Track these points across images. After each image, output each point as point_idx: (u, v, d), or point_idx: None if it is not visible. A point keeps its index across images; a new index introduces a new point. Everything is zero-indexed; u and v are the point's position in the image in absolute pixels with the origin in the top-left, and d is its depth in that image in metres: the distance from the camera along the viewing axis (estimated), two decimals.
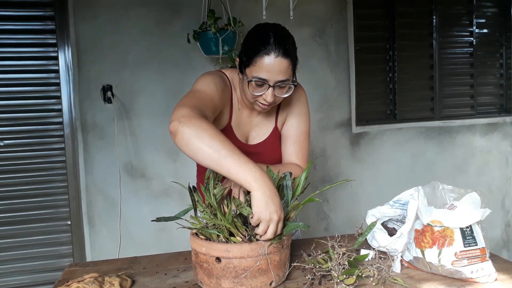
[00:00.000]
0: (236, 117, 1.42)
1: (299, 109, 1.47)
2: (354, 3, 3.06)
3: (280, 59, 1.22)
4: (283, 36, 1.25)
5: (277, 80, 1.24)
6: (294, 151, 1.44)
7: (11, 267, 2.66)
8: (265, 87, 1.26)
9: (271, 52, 1.21)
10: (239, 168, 1.02)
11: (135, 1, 2.71)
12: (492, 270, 1.11)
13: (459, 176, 3.37)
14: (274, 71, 1.23)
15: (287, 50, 1.22)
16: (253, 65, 1.24)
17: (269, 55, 1.21)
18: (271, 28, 1.27)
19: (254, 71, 1.24)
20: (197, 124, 1.06)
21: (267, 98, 1.27)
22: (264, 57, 1.22)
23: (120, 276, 1.18)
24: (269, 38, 1.22)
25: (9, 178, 2.65)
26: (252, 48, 1.24)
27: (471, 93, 3.42)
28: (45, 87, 2.68)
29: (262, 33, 1.26)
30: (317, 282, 1.13)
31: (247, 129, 1.45)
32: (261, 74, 1.24)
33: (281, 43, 1.22)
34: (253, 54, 1.23)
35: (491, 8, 3.42)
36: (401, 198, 1.37)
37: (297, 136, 1.46)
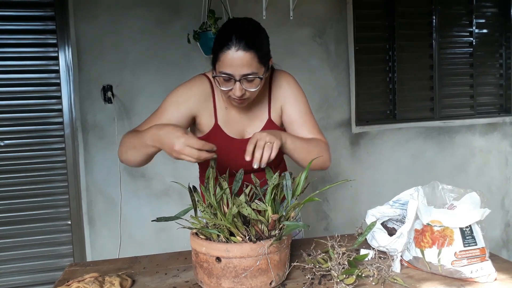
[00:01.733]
0: (224, 115, 1.42)
1: (293, 94, 1.46)
2: (354, 3, 3.06)
3: (242, 53, 1.21)
4: (246, 29, 1.25)
5: (241, 74, 1.24)
6: (305, 132, 1.43)
7: (11, 267, 2.66)
8: (232, 82, 1.26)
9: (232, 46, 1.21)
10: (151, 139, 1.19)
11: (135, 1, 2.72)
12: (492, 270, 1.11)
13: (458, 176, 3.37)
14: (236, 65, 1.23)
15: (249, 43, 1.22)
16: (218, 61, 1.25)
17: (230, 49, 1.22)
18: (236, 22, 1.29)
19: (220, 66, 1.25)
20: (121, 142, 1.33)
21: (235, 92, 1.27)
22: (227, 52, 1.22)
23: (121, 276, 1.18)
24: (231, 33, 1.23)
25: (9, 178, 2.65)
26: (217, 44, 1.25)
27: (471, 93, 3.43)
28: (46, 87, 2.68)
29: (226, 28, 1.27)
30: (317, 281, 1.13)
31: (241, 125, 1.45)
32: (225, 69, 1.24)
33: (242, 37, 1.22)
34: (218, 49, 1.24)
35: (490, 8, 3.42)
36: (401, 198, 1.38)
37: (301, 118, 1.44)
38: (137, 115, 2.77)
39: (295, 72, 3.11)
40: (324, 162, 1.40)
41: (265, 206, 1.10)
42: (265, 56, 1.27)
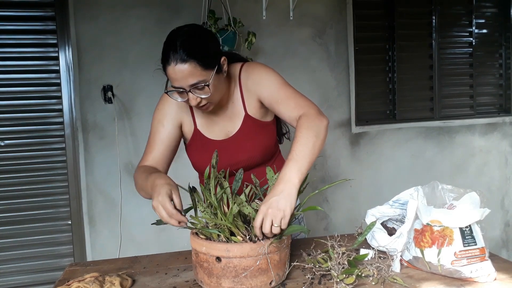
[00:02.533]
0: (202, 119, 1.43)
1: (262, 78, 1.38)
2: (354, 4, 3.06)
3: (180, 66, 1.20)
4: (183, 40, 1.21)
5: (189, 84, 1.22)
6: (288, 110, 1.32)
7: (11, 267, 2.66)
8: (184, 94, 1.26)
9: (170, 62, 1.21)
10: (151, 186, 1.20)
11: (135, 1, 2.72)
12: (492, 269, 1.12)
13: (458, 176, 3.37)
14: (180, 78, 1.21)
15: (187, 54, 1.19)
16: (167, 75, 1.25)
17: (170, 64, 1.21)
18: (171, 35, 1.25)
19: (170, 80, 1.26)
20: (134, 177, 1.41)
21: (191, 102, 1.27)
22: (168, 68, 1.22)
23: (121, 276, 1.18)
24: (169, 46, 1.22)
25: (9, 178, 2.65)
26: (162, 60, 1.26)
27: (471, 93, 3.43)
28: (46, 87, 2.68)
29: (165, 43, 1.25)
30: (317, 281, 1.13)
31: (222, 125, 1.44)
32: (173, 83, 1.24)
33: (176, 49, 1.20)
34: (162, 64, 1.25)
35: (490, 8, 3.42)
36: (401, 198, 1.38)
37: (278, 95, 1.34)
38: (137, 115, 2.77)
39: (295, 72, 3.12)
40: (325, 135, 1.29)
41: None
42: (209, 60, 1.23)
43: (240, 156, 1.41)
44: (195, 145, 1.44)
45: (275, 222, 1.05)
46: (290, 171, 1.11)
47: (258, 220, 1.06)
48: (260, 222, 1.06)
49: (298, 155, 1.14)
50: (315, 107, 1.31)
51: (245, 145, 1.41)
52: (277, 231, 1.06)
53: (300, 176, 1.11)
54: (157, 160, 1.41)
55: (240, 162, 1.40)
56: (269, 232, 1.05)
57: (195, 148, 1.45)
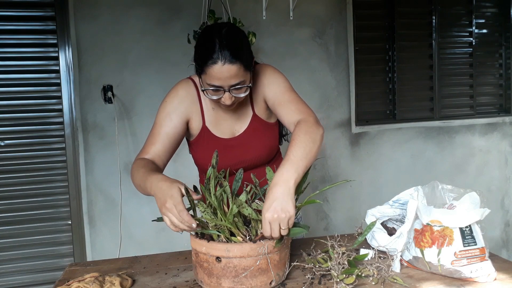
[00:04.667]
0: (211, 116, 1.43)
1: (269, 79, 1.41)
2: (354, 4, 3.06)
3: (228, 66, 1.20)
4: (229, 40, 1.22)
5: (230, 85, 1.24)
6: (288, 113, 1.35)
7: (11, 267, 2.66)
8: (221, 92, 1.26)
9: (217, 60, 1.19)
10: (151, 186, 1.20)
11: (136, 1, 2.72)
12: (492, 269, 1.12)
13: (458, 176, 3.37)
14: (225, 78, 1.22)
15: (234, 55, 1.20)
16: (205, 73, 1.24)
17: (217, 63, 1.20)
18: (216, 32, 1.24)
19: (207, 79, 1.24)
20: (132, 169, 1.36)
21: (225, 102, 1.28)
22: (213, 67, 1.20)
23: (121, 276, 1.18)
24: (214, 46, 1.20)
25: (9, 178, 2.65)
26: (201, 57, 1.23)
27: (471, 93, 3.43)
28: (46, 87, 2.68)
29: (207, 40, 1.24)
30: (317, 281, 1.13)
31: (229, 124, 1.45)
32: (214, 82, 1.23)
33: (226, 49, 1.20)
34: (203, 63, 1.23)
35: (490, 8, 3.42)
36: (401, 198, 1.38)
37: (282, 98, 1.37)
38: (137, 115, 2.77)
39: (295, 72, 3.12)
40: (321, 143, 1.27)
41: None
42: (249, 62, 1.27)
43: (246, 155, 1.42)
44: (202, 142, 1.44)
45: (283, 225, 1.05)
46: (287, 172, 1.11)
47: (266, 229, 1.06)
48: (269, 230, 1.06)
49: (296, 156, 1.14)
50: (314, 115, 1.34)
51: (252, 145, 1.43)
52: (286, 232, 1.07)
53: (296, 177, 1.10)
54: (158, 153, 1.39)
55: (245, 161, 1.41)
56: (278, 236, 1.06)
57: (201, 145, 1.45)
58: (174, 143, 1.42)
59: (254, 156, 1.43)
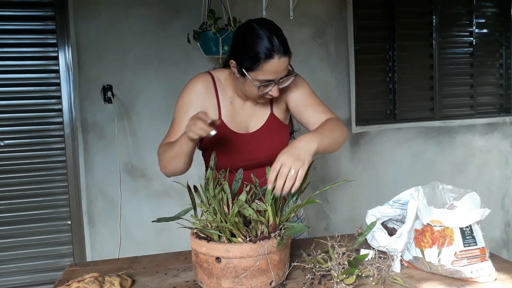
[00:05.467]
0: (228, 111, 1.44)
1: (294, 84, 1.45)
2: (354, 3, 3.06)
3: (284, 59, 1.26)
4: (278, 34, 1.27)
5: (281, 76, 1.30)
6: (315, 113, 1.45)
7: (11, 267, 2.66)
8: (270, 85, 1.30)
9: (275, 55, 1.24)
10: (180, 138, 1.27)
11: (135, 1, 2.72)
12: (492, 269, 1.11)
13: (458, 176, 3.37)
14: (279, 71, 1.28)
15: (286, 47, 1.26)
16: (257, 70, 1.26)
17: (274, 58, 1.24)
18: (263, 29, 1.27)
19: (260, 75, 1.27)
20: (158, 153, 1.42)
21: (274, 93, 1.32)
22: (270, 61, 1.25)
23: (121, 276, 1.18)
24: (270, 42, 1.24)
25: (9, 178, 2.65)
26: (255, 55, 1.25)
27: (471, 93, 3.42)
28: (45, 87, 2.68)
29: (257, 37, 1.26)
30: (317, 281, 1.13)
31: (245, 119, 1.47)
32: (268, 77, 1.28)
33: (280, 43, 1.25)
34: (256, 60, 1.25)
35: (491, 8, 3.42)
36: (401, 198, 1.38)
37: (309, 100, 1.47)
38: (137, 115, 2.77)
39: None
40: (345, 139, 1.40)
41: (265, 206, 1.10)
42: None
43: (260, 152, 1.44)
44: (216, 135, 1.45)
45: (293, 170, 1.09)
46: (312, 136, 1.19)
47: (276, 166, 1.10)
48: (278, 168, 1.10)
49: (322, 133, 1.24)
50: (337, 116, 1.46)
51: (266, 142, 1.45)
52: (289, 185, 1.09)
53: (318, 144, 1.16)
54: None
55: (258, 158, 1.43)
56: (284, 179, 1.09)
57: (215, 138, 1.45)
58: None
59: (267, 154, 1.44)
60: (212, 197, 1.11)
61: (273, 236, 1.08)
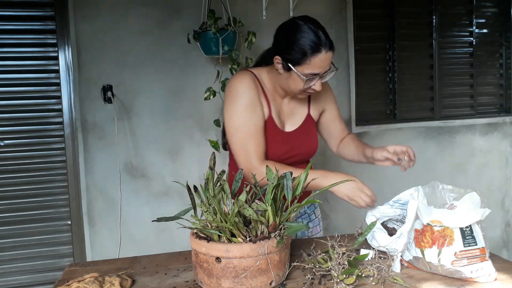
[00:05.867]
0: (275, 108, 1.50)
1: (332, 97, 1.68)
2: (354, 3, 3.06)
3: (330, 53, 1.35)
4: (323, 29, 1.36)
5: (326, 70, 1.38)
6: (342, 127, 1.70)
7: (11, 267, 2.66)
8: (315, 79, 1.38)
9: (322, 49, 1.32)
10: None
11: (135, 1, 2.72)
12: (492, 269, 1.11)
13: (458, 176, 3.37)
14: (326, 65, 1.36)
15: (331, 42, 1.35)
16: (305, 64, 1.33)
17: (321, 52, 1.33)
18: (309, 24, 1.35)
19: (307, 68, 1.35)
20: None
21: (317, 88, 1.40)
22: (318, 55, 1.32)
23: (121, 276, 1.18)
24: (318, 37, 1.33)
25: (9, 178, 2.65)
26: (302, 48, 1.32)
27: (471, 93, 3.42)
28: (45, 87, 2.68)
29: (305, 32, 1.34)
30: (317, 281, 1.13)
31: (283, 117, 1.53)
32: (315, 70, 1.35)
33: (326, 38, 1.34)
34: (304, 54, 1.33)
35: (491, 8, 3.42)
36: (401, 198, 1.38)
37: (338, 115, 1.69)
38: (137, 115, 2.77)
39: None
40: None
41: (265, 206, 1.10)
42: None
43: (299, 149, 1.51)
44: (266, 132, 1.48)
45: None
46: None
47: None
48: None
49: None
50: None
51: (305, 141, 1.55)
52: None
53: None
54: (264, 149, 1.44)
55: (297, 155, 1.51)
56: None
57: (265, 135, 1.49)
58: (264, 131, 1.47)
59: (305, 151, 1.54)
60: (212, 197, 1.11)
61: (273, 236, 1.08)
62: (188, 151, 2.82)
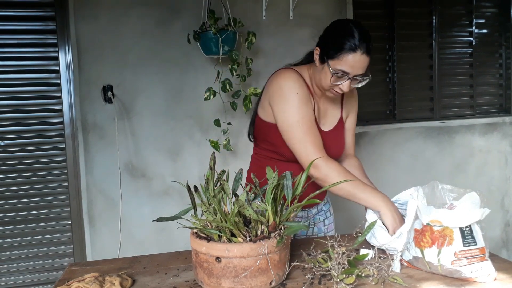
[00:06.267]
0: (317, 106, 1.53)
1: (357, 106, 1.68)
2: (354, 3, 3.06)
3: (364, 57, 1.35)
4: (367, 35, 1.36)
5: (357, 74, 1.38)
6: (352, 143, 1.69)
7: (12, 267, 2.66)
8: (344, 79, 1.39)
9: (357, 49, 1.33)
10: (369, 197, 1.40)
11: (136, 1, 2.72)
12: (492, 269, 1.12)
13: (458, 176, 3.37)
14: (357, 67, 1.36)
15: (369, 48, 1.36)
16: (338, 59, 1.35)
17: (356, 52, 1.34)
18: (355, 26, 1.37)
19: (339, 64, 1.36)
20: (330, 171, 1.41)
21: (344, 88, 1.40)
22: (351, 53, 1.34)
23: (121, 276, 1.18)
24: (356, 36, 1.34)
25: (9, 178, 2.65)
26: (339, 43, 1.35)
27: (471, 93, 3.43)
28: (46, 87, 2.68)
29: (348, 30, 1.36)
30: (317, 281, 1.13)
31: (320, 116, 1.56)
32: (345, 68, 1.36)
33: (365, 41, 1.35)
34: (340, 49, 1.35)
35: (490, 8, 3.42)
36: (401, 198, 1.38)
37: (354, 129, 1.69)
38: (137, 115, 2.77)
39: None
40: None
41: (265, 206, 1.10)
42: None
43: (331, 149, 1.53)
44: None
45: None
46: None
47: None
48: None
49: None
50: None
51: (337, 142, 1.59)
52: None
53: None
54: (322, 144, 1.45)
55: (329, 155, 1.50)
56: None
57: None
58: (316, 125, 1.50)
59: (334, 153, 1.55)
60: (212, 197, 1.11)
61: (273, 236, 1.08)
62: (188, 151, 2.82)
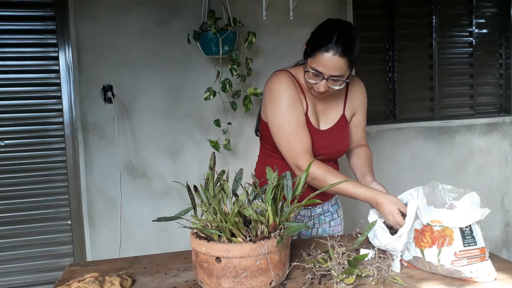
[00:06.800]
0: (311, 106, 1.53)
1: (365, 102, 1.68)
2: (354, 3, 3.06)
3: (337, 58, 1.34)
4: (346, 36, 1.35)
5: (331, 74, 1.37)
6: (363, 135, 1.71)
7: (11, 267, 2.66)
8: (319, 78, 1.39)
9: (330, 50, 1.33)
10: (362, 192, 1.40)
11: (136, 1, 2.72)
12: (492, 269, 1.12)
13: (458, 176, 3.37)
14: (330, 67, 1.35)
15: (345, 50, 1.33)
16: (313, 58, 1.37)
17: (328, 51, 1.34)
18: (337, 26, 1.37)
19: (313, 63, 1.38)
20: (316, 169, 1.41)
21: (319, 88, 1.41)
22: (324, 53, 1.34)
23: (121, 276, 1.18)
24: (332, 37, 1.33)
25: (9, 178, 2.65)
26: (316, 42, 1.38)
27: (471, 93, 3.43)
28: (46, 87, 2.68)
29: (327, 29, 1.38)
30: (317, 281, 1.13)
31: (318, 115, 1.56)
32: (318, 67, 1.37)
33: (341, 43, 1.33)
34: (315, 48, 1.37)
35: (490, 8, 3.42)
36: (401, 198, 1.38)
37: (364, 124, 1.70)
38: (137, 115, 2.77)
39: None
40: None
41: (265, 206, 1.10)
42: (354, 62, 1.40)
43: (332, 148, 1.55)
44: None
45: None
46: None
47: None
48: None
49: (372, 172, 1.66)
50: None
51: (338, 140, 1.59)
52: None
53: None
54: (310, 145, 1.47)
55: (328, 153, 1.54)
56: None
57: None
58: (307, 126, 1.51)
59: (336, 150, 1.57)
60: (212, 197, 1.11)
61: (273, 236, 1.08)
62: (188, 151, 2.82)
